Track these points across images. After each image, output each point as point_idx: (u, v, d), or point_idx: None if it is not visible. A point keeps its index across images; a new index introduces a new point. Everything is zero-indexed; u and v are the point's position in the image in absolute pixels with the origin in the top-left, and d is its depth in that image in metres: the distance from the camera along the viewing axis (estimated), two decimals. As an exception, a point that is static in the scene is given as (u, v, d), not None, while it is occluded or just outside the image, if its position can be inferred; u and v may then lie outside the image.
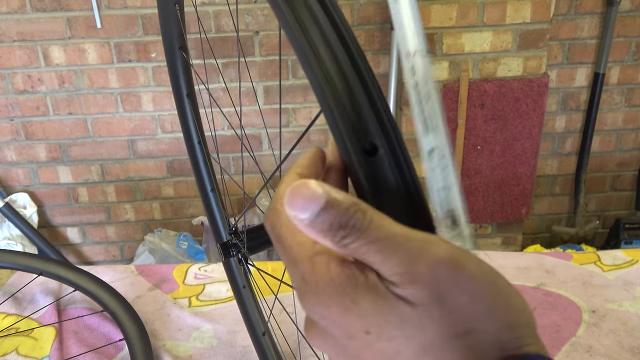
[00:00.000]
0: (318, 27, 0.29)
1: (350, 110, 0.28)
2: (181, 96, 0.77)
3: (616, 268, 1.03)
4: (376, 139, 0.28)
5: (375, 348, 0.25)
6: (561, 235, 2.47)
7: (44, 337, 0.89)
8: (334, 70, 0.28)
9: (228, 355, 0.85)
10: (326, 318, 0.26)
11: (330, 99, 0.28)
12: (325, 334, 0.27)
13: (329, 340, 0.27)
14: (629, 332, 0.86)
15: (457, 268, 0.24)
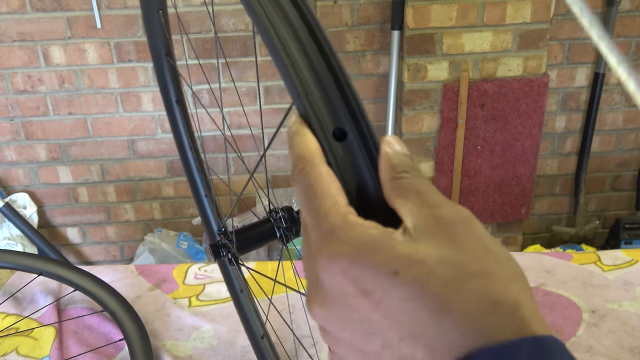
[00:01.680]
0: (286, 19, 0.30)
1: (319, 98, 0.29)
2: (170, 103, 0.77)
3: (616, 268, 1.03)
4: (345, 124, 0.29)
5: (397, 293, 0.25)
6: (561, 235, 2.47)
7: (44, 337, 0.89)
8: (301, 60, 0.30)
9: (228, 355, 0.85)
10: (348, 270, 0.26)
11: (298, 87, 0.29)
12: (336, 300, 0.27)
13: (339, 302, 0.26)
14: (629, 332, 0.86)
15: (471, 221, 0.27)
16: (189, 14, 2.10)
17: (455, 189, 2.17)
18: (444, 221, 0.26)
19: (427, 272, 0.25)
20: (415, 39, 1.98)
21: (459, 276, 0.25)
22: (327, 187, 0.28)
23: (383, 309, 0.25)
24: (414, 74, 2.03)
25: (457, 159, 2.12)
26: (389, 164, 0.29)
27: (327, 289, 0.27)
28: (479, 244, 0.26)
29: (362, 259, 0.25)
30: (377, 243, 0.26)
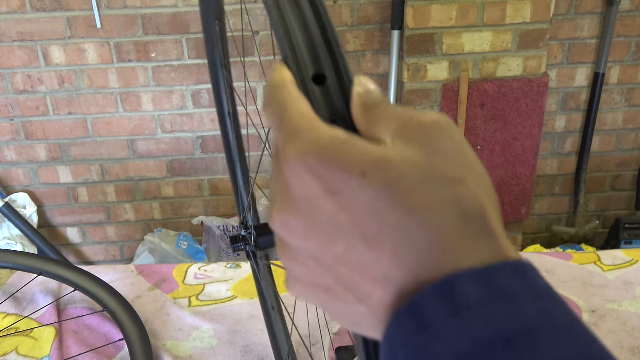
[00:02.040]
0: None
1: (303, 44, 0.30)
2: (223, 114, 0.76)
3: (616, 268, 1.03)
4: (325, 70, 0.30)
5: (365, 194, 0.24)
6: (561, 235, 2.47)
7: (44, 337, 0.89)
8: (291, 11, 0.30)
9: (228, 355, 0.85)
10: (314, 169, 0.25)
11: (281, 28, 0.30)
12: (302, 202, 0.26)
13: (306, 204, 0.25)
14: (629, 332, 0.86)
15: (449, 125, 0.26)
16: (189, 14, 2.10)
17: (455, 189, 2.16)
18: (421, 125, 0.26)
19: (397, 175, 0.24)
20: (415, 39, 1.98)
21: (430, 179, 0.24)
22: (296, 104, 0.27)
23: (350, 210, 0.24)
24: (414, 74, 2.03)
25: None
26: (361, 100, 0.28)
27: (294, 191, 0.26)
28: (455, 149, 0.25)
29: (330, 159, 0.24)
30: (346, 144, 0.25)
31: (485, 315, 0.22)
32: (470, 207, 0.24)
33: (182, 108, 2.24)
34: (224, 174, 2.37)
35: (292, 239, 0.27)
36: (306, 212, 0.25)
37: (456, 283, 0.22)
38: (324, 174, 0.24)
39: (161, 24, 2.10)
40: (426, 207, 0.24)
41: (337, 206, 0.24)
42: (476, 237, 0.24)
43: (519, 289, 0.22)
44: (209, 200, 2.42)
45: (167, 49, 2.14)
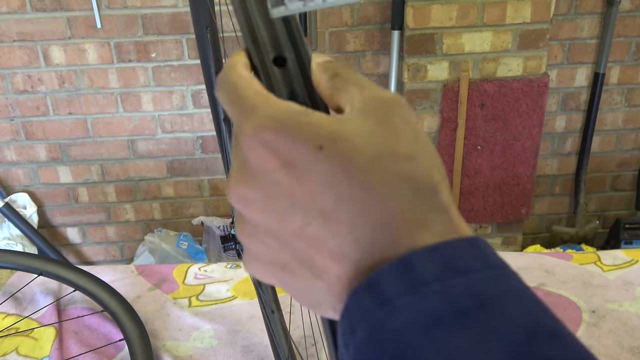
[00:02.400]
0: None
1: (262, 26, 0.30)
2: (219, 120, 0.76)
3: (616, 268, 1.03)
4: (285, 51, 0.30)
5: (321, 168, 0.24)
6: (561, 235, 2.47)
7: (44, 337, 0.89)
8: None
9: (228, 355, 0.85)
10: (270, 142, 0.25)
11: (242, 14, 0.30)
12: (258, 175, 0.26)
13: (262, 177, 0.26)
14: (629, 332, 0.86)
15: (407, 106, 0.27)
16: (189, 14, 2.10)
17: (455, 189, 2.17)
18: (381, 102, 0.26)
19: (352, 149, 0.24)
20: (415, 39, 1.98)
21: (385, 155, 0.25)
22: (248, 82, 0.28)
23: (306, 182, 0.24)
24: (414, 74, 2.03)
25: (457, 159, 2.12)
26: (322, 69, 0.29)
27: (251, 164, 0.26)
28: (410, 128, 0.26)
29: (286, 132, 0.25)
30: (302, 118, 0.25)
31: (441, 289, 0.22)
32: (423, 183, 0.25)
33: (182, 108, 2.24)
34: (223, 174, 2.37)
35: (249, 213, 0.27)
36: (263, 185, 0.25)
37: (413, 259, 0.23)
38: (279, 146, 0.25)
39: (161, 24, 2.10)
40: (381, 182, 0.24)
41: (293, 179, 0.25)
42: (428, 211, 0.24)
43: (472, 263, 0.23)
44: (209, 200, 2.42)
45: (167, 49, 2.14)
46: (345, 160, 0.24)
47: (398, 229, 0.24)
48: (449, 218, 0.25)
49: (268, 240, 0.27)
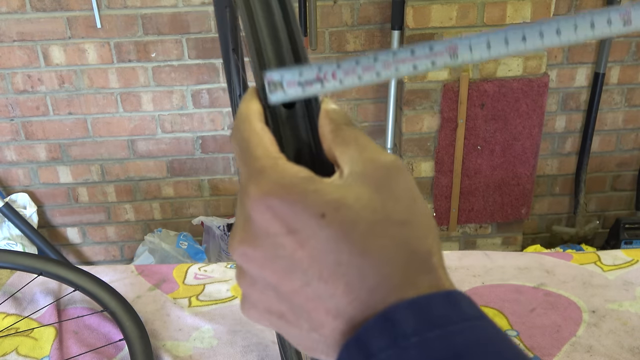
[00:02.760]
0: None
1: (274, 65, 0.31)
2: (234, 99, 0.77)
3: (616, 268, 1.03)
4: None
5: (323, 234, 0.26)
6: (561, 235, 2.47)
7: (44, 337, 0.89)
8: (267, 35, 0.31)
9: (228, 355, 0.85)
10: (276, 208, 0.26)
11: (254, 49, 0.31)
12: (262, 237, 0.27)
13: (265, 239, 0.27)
14: (629, 332, 0.86)
15: (405, 171, 0.28)
16: (189, 14, 2.10)
17: (455, 189, 2.17)
18: (380, 166, 0.28)
19: (353, 216, 0.26)
20: (415, 39, 1.98)
21: (383, 222, 0.26)
22: (260, 139, 0.29)
23: (308, 247, 0.26)
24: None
25: (457, 159, 2.12)
26: (328, 118, 0.30)
27: (255, 225, 0.27)
28: (408, 193, 0.27)
29: (291, 199, 0.26)
30: (307, 185, 0.26)
31: (419, 342, 0.24)
32: (417, 247, 0.27)
33: (182, 108, 2.24)
34: (224, 174, 2.37)
35: (250, 268, 0.28)
36: (265, 246, 0.27)
37: (394, 314, 0.25)
38: (284, 213, 0.26)
39: (161, 24, 2.10)
40: (378, 248, 0.26)
41: (295, 243, 0.26)
42: (419, 273, 0.26)
43: (449, 316, 0.25)
44: (209, 200, 2.42)
45: (167, 49, 2.14)
46: (346, 227, 0.26)
47: (390, 289, 0.26)
48: (437, 277, 0.27)
49: (266, 292, 0.28)
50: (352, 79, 0.30)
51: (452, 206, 2.20)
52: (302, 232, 0.26)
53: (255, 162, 0.28)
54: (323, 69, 0.30)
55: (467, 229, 2.28)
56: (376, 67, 0.30)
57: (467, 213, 2.22)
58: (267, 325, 0.30)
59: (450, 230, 2.26)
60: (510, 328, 0.87)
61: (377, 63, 0.30)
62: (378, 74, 0.30)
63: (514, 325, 0.88)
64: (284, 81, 0.30)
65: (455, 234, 2.28)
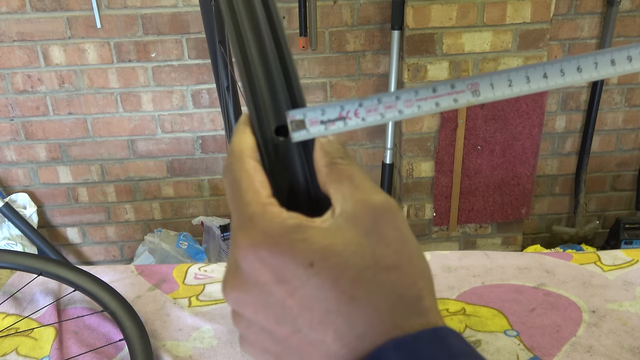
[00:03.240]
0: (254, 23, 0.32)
1: (267, 93, 0.30)
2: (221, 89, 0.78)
3: (616, 268, 1.03)
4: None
5: (312, 283, 0.26)
6: (561, 235, 2.47)
7: (43, 337, 0.89)
8: (259, 65, 0.31)
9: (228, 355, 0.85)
10: (265, 259, 0.26)
11: (246, 76, 0.31)
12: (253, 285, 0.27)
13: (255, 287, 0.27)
14: (629, 332, 0.86)
15: (396, 211, 0.28)
16: (189, 14, 2.10)
17: (455, 189, 2.17)
18: (371, 208, 0.27)
19: (341, 263, 0.26)
20: (415, 39, 1.98)
21: (372, 268, 0.26)
22: (251, 181, 0.29)
23: (297, 296, 0.26)
24: (414, 74, 2.03)
25: (457, 159, 2.12)
26: (323, 151, 0.30)
27: (245, 273, 0.27)
28: (398, 236, 0.27)
29: (279, 249, 0.26)
30: (295, 234, 0.26)
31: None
32: (406, 291, 0.26)
33: (182, 108, 2.24)
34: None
35: (244, 313, 0.29)
36: (256, 294, 0.27)
37: (381, 355, 0.25)
38: (273, 263, 0.26)
39: (161, 24, 2.10)
40: (367, 295, 0.26)
41: (285, 293, 0.26)
42: (409, 316, 0.26)
43: (435, 353, 0.25)
44: (209, 200, 2.42)
45: (167, 49, 2.14)
46: (334, 275, 0.26)
47: (378, 335, 0.26)
48: (427, 321, 0.27)
49: (262, 334, 0.29)
50: (374, 116, 0.30)
51: (452, 206, 2.20)
52: (291, 282, 0.26)
53: (244, 209, 0.28)
54: (345, 107, 0.30)
55: (467, 229, 2.28)
56: (398, 105, 0.30)
57: (467, 213, 2.22)
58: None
59: (450, 230, 2.26)
60: (510, 328, 0.87)
61: (399, 101, 0.30)
62: (400, 112, 0.30)
63: (514, 325, 0.88)
64: (307, 120, 0.30)
65: (455, 234, 2.28)
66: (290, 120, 0.30)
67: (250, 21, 0.31)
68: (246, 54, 0.31)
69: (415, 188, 2.19)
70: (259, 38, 0.31)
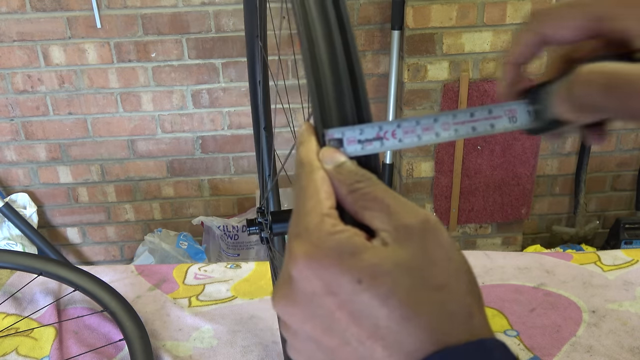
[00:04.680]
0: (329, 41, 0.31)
1: (336, 118, 0.30)
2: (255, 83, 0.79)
3: (616, 268, 1.03)
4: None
5: (360, 300, 0.26)
6: (561, 235, 2.47)
7: (44, 337, 0.89)
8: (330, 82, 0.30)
9: (228, 355, 0.85)
10: (315, 270, 0.27)
11: (320, 104, 0.30)
12: (302, 295, 0.28)
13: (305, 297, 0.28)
14: (629, 332, 0.86)
15: (438, 228, 0.28)
16: (189, 14, 2.10)
17: (455, 189, 2.17)
18: (413, 230, 0.28)
19: (390, 283, 0.26)
20: (415, 39, 1.98)
21: (420, 287, 0.26)
22: (316, 190, 0.29)
23: (346, 309, 0.27)
24: (414, 74, 2.03)
25: (457, 159, 2.12)
26: (338, 180, 0.30)
27: (296, 283, 0.28)
28: (443, 254, 0.27)
29: (329, 263, 0.27)
30: (345, 250, 0.27)
31: None
32: (456, 309, 0.27)
33: (182, 108, 2.24)
34: (224, 174, 2.37)
35: (292, 322, 0.29)
36: (306, 304, 0.28)
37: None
38: (323, 275, 0.27)
39: (161, 24, 2.10)
40: (416, 314, 0.26)
41: (334, 305, 0.27)
42: (460, 334, 0.26)
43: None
44: (209, 200, 2.42)
45: (167, 49, 2.14)
46: (384, 294, 0.26)
47: (428, 353, 0.26)
48: (477, 333, 0.27)
49: (309, 343, 0.29)
50: (411, 138, 0.30)
51: (452, 206, 2.20)
52: (340, 295, 0.27)
53: (304, 218, 0.29)
54: (384, 128, 0.30)
55: (467, 229, 2.28)
56: (435, 128, 0.31)
57: (467, 213, 2.22)
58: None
59: (450, 230, 2.26)
60: (510, 328, 0.87)
61: (437, 124, 0.30)
62: (437, 135, 0.31)
63: (514, 325, 0.88)
64: (345, 139, 0.30)
65: (455, 234, 2.28)
66: (328, 139, 0.30)
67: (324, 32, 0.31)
68: (317, 67, 0.30)
69: (415, 188, 2.19)
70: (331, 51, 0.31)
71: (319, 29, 0.31)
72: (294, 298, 0.28)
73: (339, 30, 0.31)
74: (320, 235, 0.28)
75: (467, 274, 0.28)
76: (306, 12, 0.31)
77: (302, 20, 0.31)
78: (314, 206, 0.29)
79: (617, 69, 0.27)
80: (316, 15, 0.31)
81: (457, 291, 0.27)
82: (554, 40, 0.30)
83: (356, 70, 0.31)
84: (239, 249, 2.30)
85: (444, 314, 0.26)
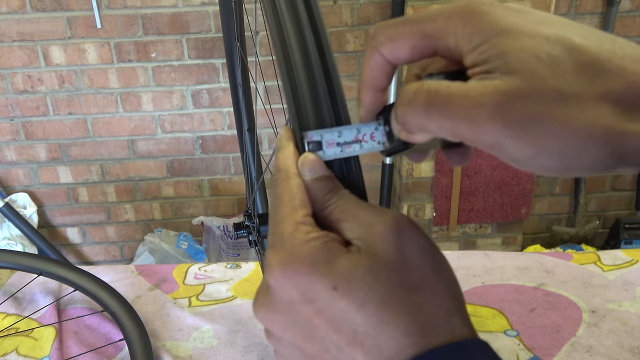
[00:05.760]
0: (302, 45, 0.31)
1: (314, 124, 0.30)
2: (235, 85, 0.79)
3: (616, 268, 1.03)
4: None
5: (337, 306, 0.26)
6: (561, 235, 2.47)
7: (44, 337, 0.89)
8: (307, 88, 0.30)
9: (228, 355, 0.85)
10: (291, 278, 0.27)
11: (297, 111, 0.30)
12: (281, 303, 0.28)
13: (283, 305, 0.28)
14: (629, 332, 0.86)
15: (410, 228, 0.28)
16: (189, 14, 2.10)
17: (455, 189, 2.17)
18: (382, 235, 0.27)
19: (366, 288, 0.26)
20: (415, 39, 1.98)
21: (396, 290, 0.26)
22: (291, 197, 0.29)
23: (323, 316, 0.27)
24: (414, 74, 2.02)
25: (457, 159, 2.12)
26: (312, 195, 0.30)
27: (274, 292, 0.28)
28: (416, 253, 0.27)
29: (305, 272, 0.27)
30: (320, 258, 0.27)
31: None
32: (434, 309, 0.26)
33: (182, 108, 2.24)
34: (224, 174, 2.37)
35: (274, 329, 0.29)
36: (285, 312, 0.28)
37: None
38: (299, 284, 0.27)
39: (161, 24, 2.10)
40: (393, 317, 0.26)
41: (312, 312, 0.27)
42: (439, 334, 0.26)
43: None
44: (209, 200, 2.42)
45: (167, 49, 2.14)
46: (360, 300, 0.26)
47: (408, 356, 0.26)
48: (457, 333, 0.26)
49: (292, 350, 0.29)
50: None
51: (452, 206, 2.20)
52: (317, 302, 0.27)
53: (278, 226, 0.29)
54: (362, 130, 0.30)
55: (467, 229, 2.28)
56: None
57: (467, 213, 2.22)
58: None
59: (450, 230, 2.26)
60: (510, 328, 0.87)
61: None
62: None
63: (514, 325, 0.88)
64: (324, 141, 0.30)
65: (455, 234, 2.28)
66: (307, 142, 0.30)
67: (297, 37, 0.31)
68: (292, 71, 0.30)
69: (415, 188, 2.19)
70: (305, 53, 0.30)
71: (291, 31, 0.31)
72: (273, 306, 0.28)
73: (311, 31, 0.31)
74: (294, 243, 0.28)
75: (446, 271, 0.28)
76: (278, 14, 0.31)
77: (274, 22, 0.31)
78: (289, 214, 0.29)
79: (438, 87, 0.25)
80: (287, 16, 0.31)
81: (435, 290, 0.27)
82: (394, 61, 0.29)
83: (331, 72, 0.30)
84: (239, 249, 2.31)
85: (421, 316, 0.26)
